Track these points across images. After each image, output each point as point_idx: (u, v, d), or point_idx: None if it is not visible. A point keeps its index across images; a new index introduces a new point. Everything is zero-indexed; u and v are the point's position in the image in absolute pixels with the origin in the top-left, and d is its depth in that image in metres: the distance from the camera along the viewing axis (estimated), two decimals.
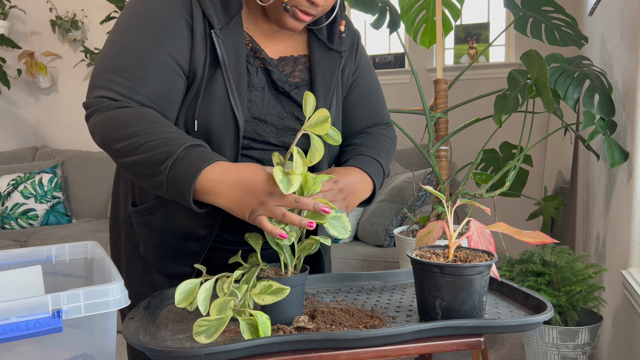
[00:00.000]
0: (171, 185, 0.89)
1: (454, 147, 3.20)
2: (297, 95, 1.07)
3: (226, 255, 1.10)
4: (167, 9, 0.97)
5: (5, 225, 3.44)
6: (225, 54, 0.98)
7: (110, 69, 0.95)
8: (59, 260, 1.15)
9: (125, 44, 0.96)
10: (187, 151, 0.89)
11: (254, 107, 1.03)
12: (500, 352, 2.51)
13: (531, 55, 1.59)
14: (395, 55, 3.44)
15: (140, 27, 0.96)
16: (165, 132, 0.91)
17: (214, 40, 0.98)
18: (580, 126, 1.63)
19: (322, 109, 0.87)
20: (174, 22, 0.97)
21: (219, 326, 0.78)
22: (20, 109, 4.18)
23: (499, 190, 1.81)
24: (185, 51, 0.98)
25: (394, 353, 0.78)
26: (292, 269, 0.89)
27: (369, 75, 1.22)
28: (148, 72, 0.95)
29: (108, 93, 0.94)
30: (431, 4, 2.15)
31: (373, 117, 1.23)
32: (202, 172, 0.87)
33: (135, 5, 0.99)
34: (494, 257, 0.86)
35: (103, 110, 0.94)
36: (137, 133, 0.90)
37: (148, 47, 0.95)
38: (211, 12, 0.99)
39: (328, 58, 1.11)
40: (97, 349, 0.91)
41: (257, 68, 1.05)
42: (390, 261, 2.54)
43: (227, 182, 0.87)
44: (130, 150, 0.91)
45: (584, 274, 1.71)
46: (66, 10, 4.00)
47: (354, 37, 1.18)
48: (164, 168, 0.89)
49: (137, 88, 0.95)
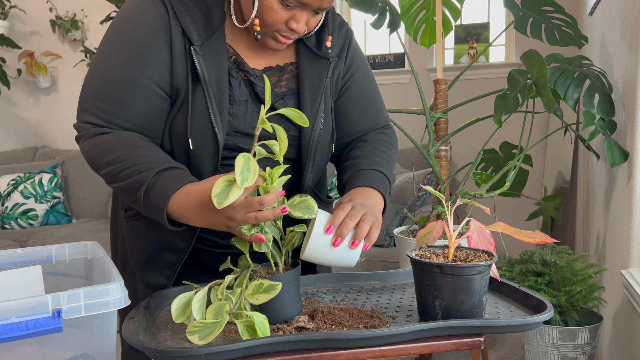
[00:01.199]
0: (149, 212, 0.94)
1: (454, 147, 3.20)
2: (281, 106, 1.07)
3: (217, 258, 1.11)
4: (147, 31, 0.98)
5: (5, 225, 3.44)
6: (205, 70, 0.99)
7: (95, 93, 0.99)
8: (59, 260, 1.15)
9: (107, 68, 0.98)
10: (155, 178, 0.92)
11: (236, 121, 1.03)
12: (500, 352, 2.51)
13: (531, 55, 1.59)
14: (395, 55, 3.44)
15: (121, 51, 0.98)
16: (140, 158, 0.94)
17: (194, 57, 0.98)
18: (580, 126, 1.63)
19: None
20: (154, 45, 0.98)
21: (214, 329, 0.78)
22: (20, 109, 4.18)
23: (499, 190, 1.81)
24: (166, 72, 0.99)
25: (394, 353, 0.78)
26: (282, 265, 0.89)
27: (363, 76, 1.18)
28: (130, 97, 0.98)
29: (92, 118, 0.98)
30: (431, 4, 2.15)
31: (369, 119, 1.20)
32: (170, 200, 0.90)
33: (117, 28, 1.00)
34: (494, 257, 0.86)
35: (87, 136, 0.98)
36: (115, 161, 0.95)
37: (129, 73, 0.97)
38: (191, 28, 0.99)
39: (316, 65, 1.09)
40: (97, 349, 0.91)
41: (240, 81, 1.04)
42: (390, 261, 2.54)
43: (193, 206, 0.89)
44: (112, 177, 0.96)
45: (584, 274, 1.71)
46: (66, 10, 4.00)
47: (346, 38, 1.15)
48: (140, 196, 0.93)
49: (120, 113, 0.98)
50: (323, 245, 0.89)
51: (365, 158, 1.11)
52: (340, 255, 0.90)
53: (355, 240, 0.90)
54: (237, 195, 0.79)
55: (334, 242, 0.89)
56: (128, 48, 0.98)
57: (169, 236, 1.05)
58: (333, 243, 0.89)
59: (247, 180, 0.78)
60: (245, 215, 0.84)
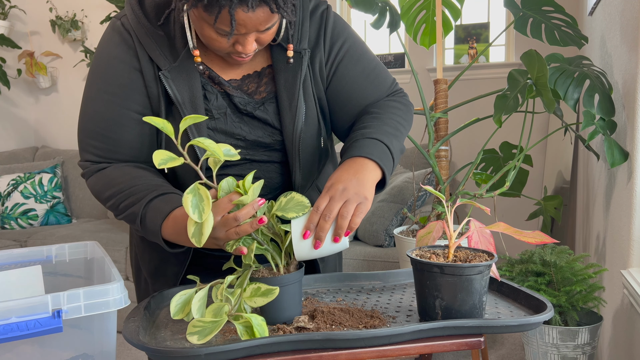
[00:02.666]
0: (151, 239, 0.99)
1: (454, 147, 3.20)
2: (262, 113, 1.07)
3: (218, 261, 1.12)
4: (118, 64, 1.02)
5: (5, 225, 3.44)
6: (177, 92, 1.01)
7: (87, 133, 1.05)
8: (59, 260, 1.15)
9: (92, 108, 1.04)
10: (146, 209, 0.97)
11: (217, 135, 1.05)
12: (500, 352, 2.51)
13: (531, 55, 1.59)
14: (395, 55, 3.44)
15: (100, 90, 1.03)
16: (133, 189, 0.99)
17: (164, 82, 1.01)
18: (580, 126, 1.63)
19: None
20: (127, 76, 1.02)
21: (213, 329, 0.78)
22: (20, 109, 4.18)
23: (499, 190, 1.81)
24: (145, 99, 1.03)
25: (394, 353, 0.78)
26: (283, 266, 0.89)
27: (350, 52, 1.10)
28: (119, 132, 1.03)
29: (90, 156, 1.05)
30: (431, 4, 2.15)
31: (370, 94, 1.12)
32: (162, 229, 0.95)
33: (93, 67, 1.05)
34: (494, 257, 0.86)
35: (89, 174, 1.06)
36: (113, 195, 1.01)
37: (112, 109, 1.02)
38: (157, 53, 1.01)
39: (290, 62, 1.06)
40: (97, 349, 0.91)
41: (217, 94, 1.05)
42: (390, 261, 2.54)
43: (181, 230, 0.92)
44: (114, 210, 1.02)
45: (584, 274, 1.71)
46: (66, 10, 4.00)
47: (320, 23, 1.09)
48: (137, 226, 0.98)
49: (113, 149, 1.04)
50: (306, 248, 0.88)
51: (364, 128, 1.04)
52: (327, 250, 0.90)
53: (336, 237, 0.90)
54: (210, 228, 0.80)
55: (314, 245, 0.88)
56: (105, 86, 1.03)
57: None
58: (314, 246, 0.88)
59: (203, 212, 0.79)
60: (226, 232, 0.85)
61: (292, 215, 0.88)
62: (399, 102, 1.13)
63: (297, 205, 0.89)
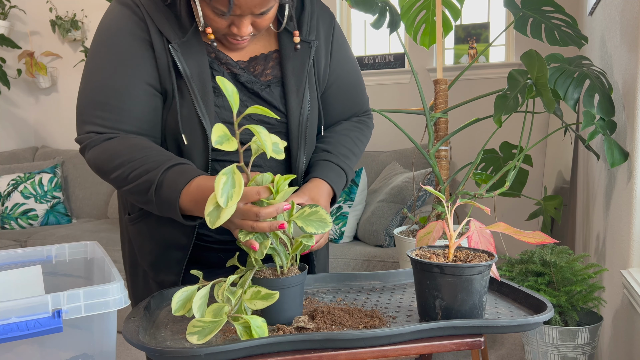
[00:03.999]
0: (161, 209, 0.96)
1: (454, 147, 3.20)
2: (268, 94, 1.08)
3: (216, 254, 1.13)
4: (128, 36, 1.01)
5: (5, 225, 3.44)
6: (186, 66, 1.01)
7: (92, 104, 1.01)
8: (59, 260, 1.15)
9: (100, 79, 1.01)
10: (164, 176, 0.94)
11: (223, 112, 1.05)
12: (500, 352, 2.51)
13: (531, 55, 1.59)
14: (395, 55, 3.44)
15: (109, 60, 1.01)
16: (146, 158, 0.96)
17: (173, 54, 1.01)
18: (580, 126, 1.63)
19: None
20: (137, 47, 1.01)
21: (213, 329, 0.78)
22: (20, 109, 4.18)
23: (499, 190, 1.81)
24: (154, 71, 1.02)
25: (394, 353, 0.78)
26: (287, 269, 0.88)
27: (347, 65, 1.20)
28: (127, 101, 1.00)
29: (95, 127, 1.01)
30: (431, 4, 2.15)
31: (353, 108, 1.23)
32: (182, 194, 0.92)
33: (100, 39, 1.03)
34: (494, 257, 0.86)
35: (92, 144, 1.01)
36: (122, 164, 0.97)
37: (121, 78, 1.00)
38: (166, 27, 1.02)
39: (298, 50, 1.10)
40: (97, 349, 0.91)
41: (224, 73, 1.06)
42: (390, 261, 2.54)
43: (201, 200, 0.90)
44: (122, 180, 0.98)
45: (584, 274, 1.71)
46: (66, 10, 4.00)
47: (330, 25, 1.16)
48: (151, 196, 0.95)
49: (120, 118, 1.00)
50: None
51: (330, 151, 1.14)
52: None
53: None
54: (228, 216, 0.79)
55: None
56: (114, 56, 1.01)
57: (172, 234, 1.07)
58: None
59: (230, 199, 0.78)
60: (242, 222, 0.85)
61: (311, 230, 0.86)
62: (365, 125, 1.25)
63: (319, 221, 0.87)
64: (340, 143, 1.16)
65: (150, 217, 1.09)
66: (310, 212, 0.87)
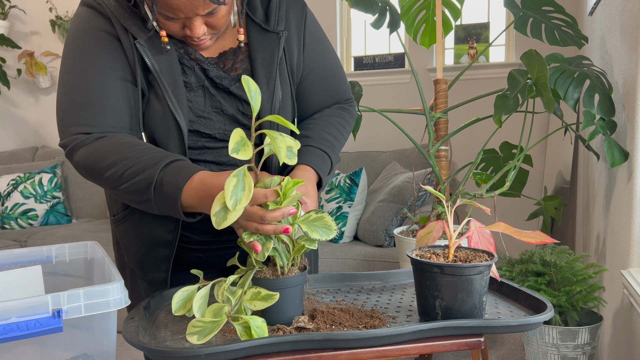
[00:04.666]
0: (161, 207, 0.94)
1: (454, 147, 3.20)
2: (237, 89, 1.08)
3: (196, 255, 1.13)
4: (97, 33, 1.01)
5: (5, 225, 3.44)
6: (154, 61, 1.01)
7: (74, 106, 1.00)
8: (59, 260, 1.15)
9: (77, 80, 1.00)
10: (163, 173, 0.93)
11: (195, 106, 1.05)
12: (500, 352, 2.51)
13: (531, 55, 1.59)
14: (395, 55, 3.44)
15: (82, 60, 1.00)
16: (140, 156, 0.95)
17: (140, 50, 1.01)
18: (580, 126, 1.63)
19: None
20: (108, 44, 1.01)
21: (213, 329, 0.78)
22: (20, 109, 4.18)
23: (499, 190, 1.81)
24: (127, 65, 1.02)
25: (394, 353, 0.77)
26: (288, 269, 0.88)
27: (323, 54, 1.18)
28: (108, 98, 1.00)
29: (80, 128, 0.99)
30: (431, 4, 2.15)
31: (332, 98, 1.21)
32: (183, 190, 0.91)
33: (71, 43, 1.03)
34: (494, 257, 0.86)
35: (80, 146, 0.98)
36: (116, 163, 0.95)
37: (98, 76, 1.00)
38: (131, 24, 1.02)
39: (267, 41, 1.09)
40: (97, 349, 0.91)
41: (193, 67, 1.06)
42: (390, 261, 2.54)
43: (205, 196, 0.89)
44: (116, 179, 0.95)
45: (584, 274, 1.71)
46: (66, 10, 4.00)
47: (302, 13, 1.14)
48: (149, 194, 0.93)
49: (104, 115, 0.99)
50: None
51: (313, 136, 1.12)
52: None
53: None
54: (236, 218, 0.79)
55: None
56: (88, 55, 1.01)
57: (157, 232, 1.07)
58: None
59: (239, 203, 0.78)
60: (246, 223, 0.85)
61: (315, 236, 0.86)
62: (347, 113, 1.22)
63: (324, 227, 0.87)
64: (320, 128, 1.14)
65: (134, 216, 1.08)
66: (315, 218, 0.87)
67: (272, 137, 0.80)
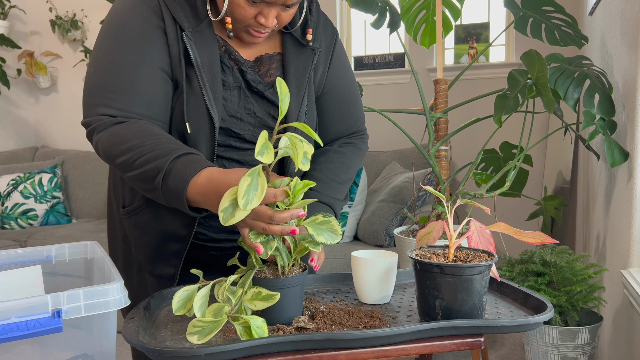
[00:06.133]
0: (168, 199, 0.94)
1: (454, 147, 3.20)
2: (271, 95, 1.09)
3: (211, 253, 1.12)
4: (141, 20, 1.02)
5: (5, 225, 3.43)
6: (197, 55, 1.02)
7: (103, 86, 1.00)
8: (58, 260, 1.14)
9: (112, 62, 1.00)
10: (173, 164, 0.92)
11: (229, 105, 1.06)
12: (500, 352, 2.51)
13: (531, 55, 1.59)
14: (395, 55, 3.44)
15: (121, 44, 1.01)
16: (156, 145, 0.95)
17: (186, 42, 1.01)
18: (580, 126, 1.63)
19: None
20: (150, 32, 1.01)
21: (213, 329, 0.78)
22: (20, 109, 4.18)
23: (499, 190, 1.81)
24: (165, 56, 1.02)
25: (394, 353, 0.77)
26: (289, 268, 0.88)
27: (344, 77, 1.21)
28: (139, 84, 1.00)
29: (106, 110, 0.99)
30: (431, 4, 2.15)
31: (345, 122, 1.22)
32: (190, 184, 0.90)
33: (112, 25, 1.03)
34: (494, 257, 0.86)
35: (102, 128, 0.99)
36: (130, 149, 0.95)
37: (133, 62, 1.00)
38: (180, 16, 1.02)
39: (301, 54, 1.12)
40: (97, 349, 0.91)
41: (232, 68, 1.07)
42: None
43: (211, 193, 0.89)
44: (128, 166, 0.96)
45: (584, 274, 1.71)
46: (66, 10, 4.00)
47: (332, 37, 1.18)
48: (157, 183, 0.93)
49: (132, 100, 0.99)
50: (377, 292, 0.97)
51: (318, 189, 1.12)
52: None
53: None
54: (244, 216, 0.79)
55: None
56: (126, 40, 1.01)
57: (172, 226, 1.06)
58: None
59: (251, 202, 0.77)
60: (253, 222, 0.85)
61: (321, 240, 0.87)
62: (358, 149, 1.23)
63: (330, 231, 0.88)
64: (329, 177, 1.15)
65: (149, 208, 1.08)
66: (322, 221, 0.88)
67: (293, 142, 0.81)
